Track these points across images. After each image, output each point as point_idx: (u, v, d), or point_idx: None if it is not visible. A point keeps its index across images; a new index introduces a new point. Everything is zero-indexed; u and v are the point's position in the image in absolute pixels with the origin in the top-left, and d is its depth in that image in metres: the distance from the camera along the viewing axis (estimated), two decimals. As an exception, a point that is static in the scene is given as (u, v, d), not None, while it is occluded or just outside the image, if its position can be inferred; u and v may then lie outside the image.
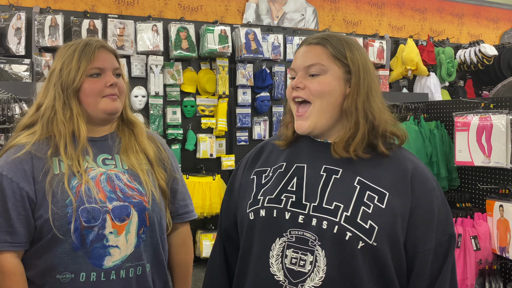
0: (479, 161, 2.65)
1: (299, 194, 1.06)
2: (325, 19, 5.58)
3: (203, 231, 4.53)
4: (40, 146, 1.26)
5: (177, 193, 1.44)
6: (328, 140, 1.13)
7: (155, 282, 1.32)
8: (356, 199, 1.02)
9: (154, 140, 1.45)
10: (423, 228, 1.03)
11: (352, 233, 0.98)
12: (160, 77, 4.41)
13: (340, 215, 1.00)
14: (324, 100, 1.07)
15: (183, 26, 4.49)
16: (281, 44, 4.95)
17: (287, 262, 1.02)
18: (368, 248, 0.98)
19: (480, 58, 5.39)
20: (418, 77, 5.52)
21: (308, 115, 1.09)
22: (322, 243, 0.99)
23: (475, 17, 6.49)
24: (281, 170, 1.12)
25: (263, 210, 1.07)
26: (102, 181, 1.26)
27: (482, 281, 2.54)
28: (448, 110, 3.09)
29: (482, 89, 5.83)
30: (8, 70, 3.97)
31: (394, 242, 1.00)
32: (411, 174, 1.06)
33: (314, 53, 1.10)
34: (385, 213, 1.01)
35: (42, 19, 4.05)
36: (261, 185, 1.13)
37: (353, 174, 1.06)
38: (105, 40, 1.39)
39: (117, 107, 1.32)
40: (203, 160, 4.63)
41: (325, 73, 1.08)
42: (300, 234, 1.02)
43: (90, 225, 1.20)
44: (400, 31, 5.99)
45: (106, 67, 1.29)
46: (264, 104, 4.80)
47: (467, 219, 2.66)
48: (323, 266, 0.99)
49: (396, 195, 1.03)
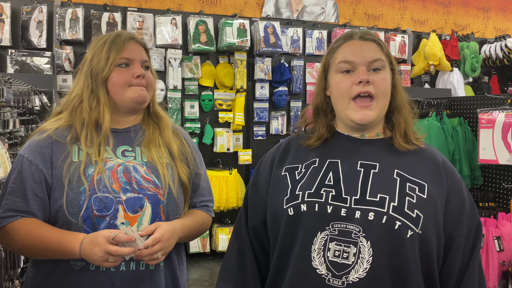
0: (504, 160, 2.57)
1: (338, 188, 1.08)
2: (345, 13, 5.49)
3: (220, 225, 4.54)
4: (62, 132, 1.29)
5: (198, 189, 1.44)
6: (366, 135, 1.16)
7: (166, 277, 1.32)
8: (399, 191, 1.06)
9: (178, 135, 1.45)
10: (456, 215, 1.09)
11: (402, 222, 1.02)
12: (179, 70, 4.41)
13: (387, 205, 1.03)
14: (386, 96, 1.13)
15: (202, 19, 4.47)
16: (300, 38, 4.89)
17: (329, 255, 1.03)
18: (415, 236, 1.02)
19: (506, 53, 5.22)
20: (441, 73, 5.39)
21: (374, 107, 1.11)
22: (367, 234, 1.02)
23: (501, 11, 6.29)
24: (315, 166, 1.14)
25: (304, 204, 1.08)
26: (118, 172, 1.26)
27: (505, 283, 2.46)
28: (472, 107, 3.00)
29: (508, 85, 5.66)
30: (29, 62, 4.03)
31: (437, 230, 1.05)
32: (442, 166, 1.12)
33: (373, 48, 1.13)
34: (428, 202, 1.06)
35: (63, 12, 4.09)
36: (296, 181, 1.14)
37: (390, 167, 1.10)
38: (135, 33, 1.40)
39: (144, 96, 1.32)
40: (220, 154, 4.62)
41: (384, 69, 1.13)
42: (343, 227, 1.04)
43: (102, 214, 1.21)
44: (423, 25, 5.85)
45: (134, 58, 1.31)
46: (282, 99, 4.76)
47: (490, 219, 2.58)
48: (367, 257, 1.01)
49: (433, 185, 1.08)
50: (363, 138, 1.16)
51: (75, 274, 1.22)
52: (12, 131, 2.32)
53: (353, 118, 1.11)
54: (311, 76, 4.95)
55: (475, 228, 1.11)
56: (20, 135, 2.46)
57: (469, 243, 1.09)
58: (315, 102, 1.21)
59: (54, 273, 1.24)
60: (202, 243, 4.47)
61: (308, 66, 4.94)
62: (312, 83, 4.94)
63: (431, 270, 1.05)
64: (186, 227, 1.32)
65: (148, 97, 1.34)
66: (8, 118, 2.24)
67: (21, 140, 2.45)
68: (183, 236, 1.31)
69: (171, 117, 4.33)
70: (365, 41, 1.14)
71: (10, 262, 1.98)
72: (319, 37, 4.98)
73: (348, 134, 1.17)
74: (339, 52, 1.15)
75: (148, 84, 1.34)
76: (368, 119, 1.11)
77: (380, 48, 1.14)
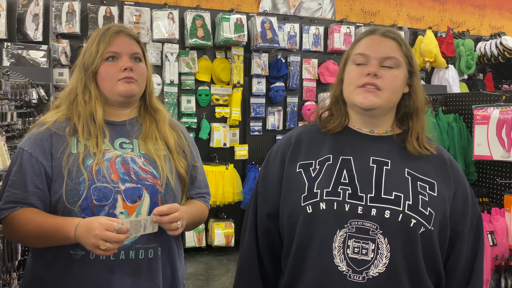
0: (498, 156, 2.59)
1: (354, 186, 1.10)
2: (342, 9, 5.50)
3: (216, 220, 4.55)
4: (60, 124, 1.31)
5: (195, 181, 1.46)
6: (375, 130, 1.19)
7: (165, 267, 1.34)
8: (412, 189, 1.10)
9: (176, 128, 1.47)
10: (461, 209, 1.14)
11: (416, 220, 1.06)
12: (175, 65, 4.40)
13: (403, 204, 1.07)
14: (394, 92, 1.14)
15: (199, 14, 4.47)
16: (297, 34, 4.90)
17: (349, 252, 1.06)
18: (427, 232, 1.07)
19: (501, 50, 5.26)
20: (436, 70, 5.42)
21: (379, 95, 1.13)
22: (384, 231, 1.06)
23: (497, 9, 6.32)
24: (330, 163, 1.15)
25: (323, 203, 1.10)
26: (117, 163, 1.28)
27: (498, 277, 2.50)
28: (468, 103, 3.02)
29: (502, 82, 5.70)
30: (25, 56, 4.01)
31: (444, 225, 1.11)
32: (449, 163, 1.18)
33: (390, 46, 1.15)
34: (439, 200, 1.11)
35: (60, 6, 4.06)
36: (312, 178, 1.15)
37: (401, 165, 1.14)
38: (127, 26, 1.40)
39: (132, 90, 1.32)
40: (217, 149, 4.63)
41: (398, 68, 1.15)
42: (360, 224, 1.07)
43: (101, 203, 1.23)
44: (419, 22, 5.88)
45: (122, 52, 1.31)
46: (279, 94, 4.77)
47: (484, 214, 2.61)
48: (386, 253, 1.05)
49: (442, 183, 1.14)
50: (373, 134, 1.19)
51: (75, 263, 1.23)
52: (10, 124, 2.32)
53: (355, 101, 1.14)
54: (308, 72, 4.96)
55: (476, 220, 1.17)
56: (17, 128, 2.45)
57: (472, 235, 1.15)
58: (334, 90, 1.24)
59: (54, 263, 1.25)
60: (198, 237, 4.48)
61: (305, 62, 4.95)
62: (308, 79, 4.95)
63: (437, 262, 1.11)
64: (189, 213, 1.34)
65: (136, 90, 1.33)
66: (5, 110, 2.24)
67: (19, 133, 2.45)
68: (188, 222, 1.33)
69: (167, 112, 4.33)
70: (385, 37, 1.16)
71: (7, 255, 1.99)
72: (316, 33, 4.99)
73: (358, 129, 1.20)
74: (359, 45, 1.18)
75: (138, 75, 1.33)
76: (370, 103, 1.12)
77: (399, 47, 1.16)
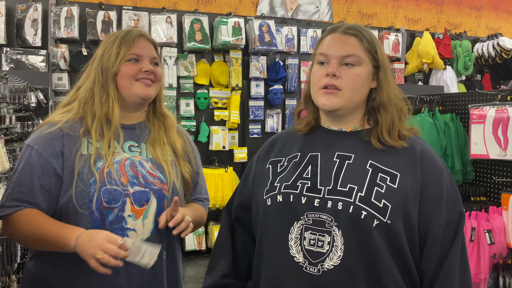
0: (494, 154, 2.60)
1: (314, 180, 1.11)
2: (340, 11, 5.53)
3: (215, 223, 4.56)
4: (72, 125, 1.31)
5: (197, 187, 1.50)
6: (343, 128, 1.18)
7: (169, 271, 1.35)
8: (369, 181, 1.08)
9: (182, 134, 1.49)
10: (433, 205, 1.08)
11: (367, 212, 1.04)
12: (174, 69, 4.43)
13: (354, 195, 1.06)
14: (355, 91, 1.13)
15: (197, 18, 4.49)
16: (295, 37, 4.92)
17: (305, 243, 1.07)
18: (382, 226, 1.04)
19: (498, 51, 5.28)
20: (434, 71, 5.44)
21: (340, 95, 1.12)
22: (338, 224, 1.05)
23: (493, 10, 6.35)
24: (296, 160, 1.18)
25: (280, 195, 1.12)
26: (126, 166, 1.29)
27: (496, 275, 2.50)
28: (464, 103, 3.04)
29: (500, 83, 5.72)
30: (25, 61, 4.04)
31: (407, 220, 1.06)
32: (420, 156, 1.12)
33: (350, 43, 1.14)
34: (398, 192, 1.06)
35: (58, 11, 4.09)
36: (277, 173, 1.18)
37: (365, 158, 1.12)
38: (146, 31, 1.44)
39: (150, 92, 1.35)
40: (216, 152, 4.64)
41: (360, 65, 1.13)
42: (316, 216, 1.07)
43: (111, 206, 1.24)
44: (416, 24, 5.90)
45: (143, 55, 1.35)
46: (277, 97, 4.79)
47: (481, 212, 2.62)
48: (340, 245, 1.04)
49: (407, 175, 1.09)
50: (341, 131, 1.18)
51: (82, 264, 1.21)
52: (9, 127, 2.33)
53: (319, 103, 1.15)
54: (306, 75, 4.97)
55: (456, 218, 1.09)
56: (16, 131, 2.47)
57: (449, 234, 1.08)
58: (305, 89, 1.25)
59: (61, 263, 1.25)
60: (198, 240, 4.49)
61: (303, 64, 4.97)
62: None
63: (405, 260, 1.06)
64: (190, 213, 1.36)
65: (153, 93, 1.37)
66: (4, 114, 2.25)
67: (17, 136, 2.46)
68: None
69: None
70: (345, 35, 1.15)
71: (7, 257, 2.00)
72: (314, 35, 5.02)
73: (328, 127, 1.20)
74: (322, 44, 1.18)
75: (156, 78, 1.37)
76: (331, 105, 1.12)
77: (360, 44, 1.14)
